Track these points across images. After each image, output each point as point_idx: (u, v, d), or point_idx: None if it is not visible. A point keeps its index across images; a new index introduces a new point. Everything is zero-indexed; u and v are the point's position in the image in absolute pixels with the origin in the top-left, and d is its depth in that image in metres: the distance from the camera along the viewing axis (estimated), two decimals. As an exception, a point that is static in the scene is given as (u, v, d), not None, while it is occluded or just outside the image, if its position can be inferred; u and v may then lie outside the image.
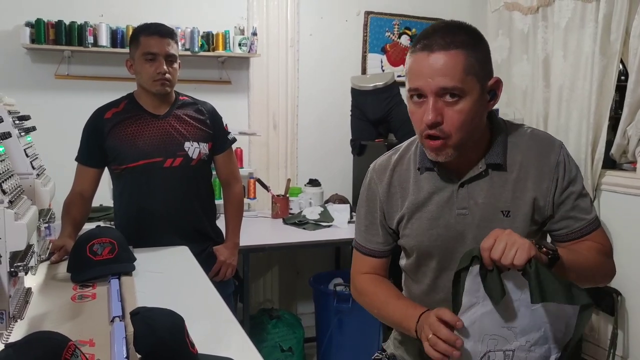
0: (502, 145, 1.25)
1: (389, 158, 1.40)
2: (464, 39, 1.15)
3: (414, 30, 3.92)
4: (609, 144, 3.16)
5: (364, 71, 3.86)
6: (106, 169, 2.20)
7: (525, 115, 3.64)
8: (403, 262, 1.46)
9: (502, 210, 1.24)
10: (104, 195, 2.61)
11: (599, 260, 1.22)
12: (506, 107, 3.74)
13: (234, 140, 2.34)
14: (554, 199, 1.24)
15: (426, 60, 1.14)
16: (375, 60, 3.89)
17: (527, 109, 3.64)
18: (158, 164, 2.10)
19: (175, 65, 2.13)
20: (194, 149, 2.14)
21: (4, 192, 1.14)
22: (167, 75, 2.07)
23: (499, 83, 1.21)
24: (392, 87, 3.60)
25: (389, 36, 3.91)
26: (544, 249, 1.10)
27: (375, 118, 3.63)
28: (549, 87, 3.46)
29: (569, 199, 1.25)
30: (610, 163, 3.21)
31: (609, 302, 3.08)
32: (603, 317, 3.18)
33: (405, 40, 3.93)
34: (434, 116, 1.14)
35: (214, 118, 2.25)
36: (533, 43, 3.57)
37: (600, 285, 1.28)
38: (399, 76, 3.75)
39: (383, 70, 3.88)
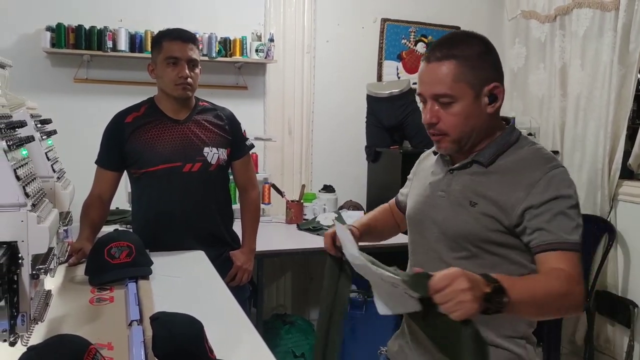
0: (496, 149, 1.34)
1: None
2: (457, 52, 1.28)
3: (430, 37, 3.92)
4: (627, 154, 3.13)
5: (379, 78, 3.86)
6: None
7: (542, 124, 3.61)
8: None
9: (471, 200, 1.33)
10: (120, 198, 2.63)
11: (561, 288, 1.15)
12: (522, 116, 3.72)
13: (252, 146, 2.35)
14: (525, 210, 1.24)
15: (425, 70, 1.33)
16: (391, 68, 3.89)
17: (544, 117, 3.62)
18: (177, 168, 2.11)
19: (197, 70, 2.14)
20: (213, 154, 2.16)
21: (28, 196, 1.15)
22: (189, 80, 2.09)
23: (498, 88, 1.32)
24: (408, 95, 3.59)
25: (405, 43, 3.91)
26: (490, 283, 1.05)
27: (391, 125, 3.63)
28: (566, 96, 3.44)
29: (548, 212, 1.23)
30: (627, 173, 3.18)
31: (625, 313, 3.04)
32: (619, 328, 3.14)
33: (421, 48, 3.92)
34: (429, 118, 1.32)
35: (233, 124, 2.26)
36: (550, 52, 3.55)
37: (567, 316, 1.22)
38: (414, 83, 3.71)
39: (399, 78, 3.89)
